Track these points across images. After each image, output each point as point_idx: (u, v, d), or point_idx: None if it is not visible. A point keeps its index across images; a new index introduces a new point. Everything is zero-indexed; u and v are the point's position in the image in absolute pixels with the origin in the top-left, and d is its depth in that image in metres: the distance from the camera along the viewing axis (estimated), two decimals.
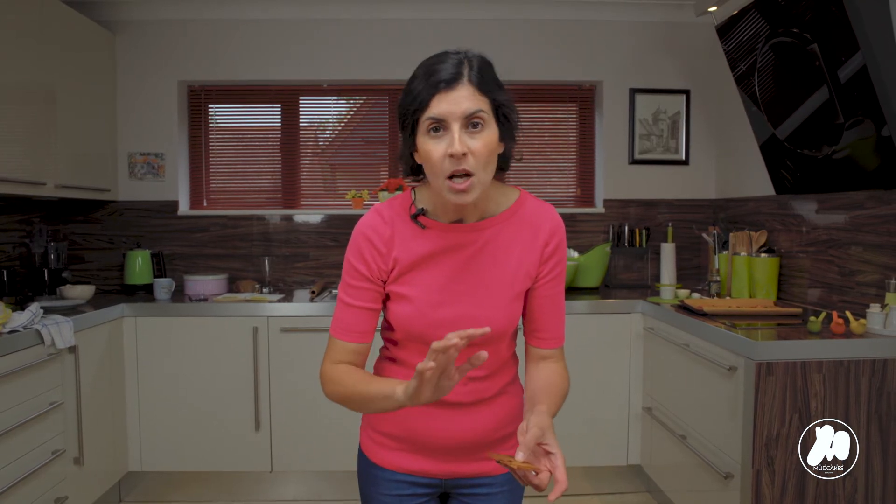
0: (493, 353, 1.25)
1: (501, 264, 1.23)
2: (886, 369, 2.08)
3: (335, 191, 3.73)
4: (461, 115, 1.09)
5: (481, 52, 1.17)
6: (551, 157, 3.78)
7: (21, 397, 2.26)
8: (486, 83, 1.12)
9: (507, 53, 3.58)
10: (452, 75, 1.09)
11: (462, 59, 1.12)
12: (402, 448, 1.30)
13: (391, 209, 1.25)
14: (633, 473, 3.16)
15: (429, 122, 1.10)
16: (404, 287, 1.22)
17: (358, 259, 1.22)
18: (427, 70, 1.12)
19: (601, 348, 3.07)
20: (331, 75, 3.58)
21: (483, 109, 1.10)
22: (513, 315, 1.25)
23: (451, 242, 1.22)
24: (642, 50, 3.63)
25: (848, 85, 2.27)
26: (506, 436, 1.32)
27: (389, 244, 1.22)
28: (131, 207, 3.56)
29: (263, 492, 3.09)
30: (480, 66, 1.13)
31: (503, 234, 1.23)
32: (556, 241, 1.25)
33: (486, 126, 1.11)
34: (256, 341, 2.98)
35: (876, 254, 2.42)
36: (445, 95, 1.09)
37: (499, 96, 1.13)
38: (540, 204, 1.28)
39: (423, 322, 1.21)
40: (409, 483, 1.31)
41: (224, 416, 3.00)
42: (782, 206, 3.01)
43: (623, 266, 3.66)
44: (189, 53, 3.54)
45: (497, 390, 1.30)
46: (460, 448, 1.29)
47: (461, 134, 1.09)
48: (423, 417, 1.26)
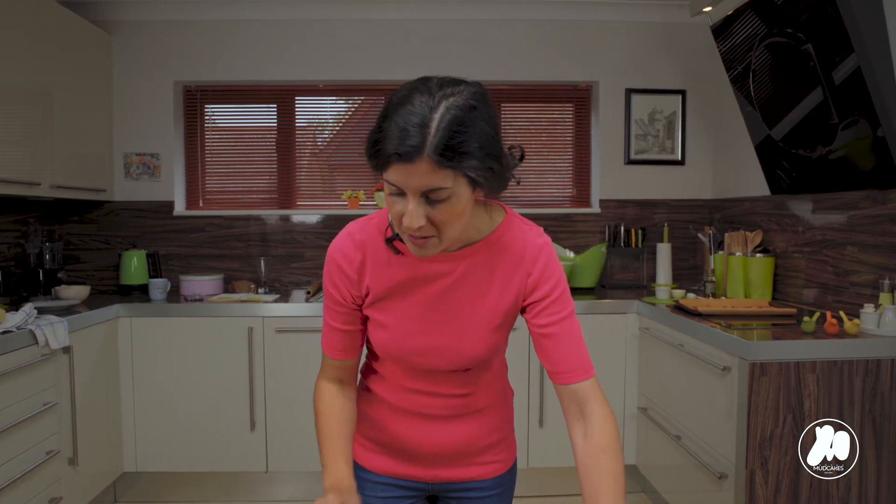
0: (478, 374, 1.24)
1: (480, 296, 1.15)
2: (880, 369, 2.08)
3: (332, 191, 3.74)
4: (417, 189, 0.95)
5: (471, 90, 0.97)
6: (547, 158, 3.78)
7: (15, 398, 2.26)
8: (452, 152, 0.93)
9: (504, 53, 3.59)
10: (408, 149, 0.92)
11: (427, 119, 0.92)
12: (387, 452, 1.29)
13: (365, 231, 1.16)
14: (628, 473, 3.16)
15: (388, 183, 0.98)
16: (379, 314, 1.17)
17: (331, 284, 1.18)
18: (394, 122, 0.94)
19: (596, 348, 3.03)
20: (327, 75, 3.58)
21: (443, 186, 0.95)
22: (494, 345, 1.18)
23: (426, 272, 1.14)
24: (638, 50, 3.63)
25: (843, 86, 2.27)
26: (492, 443, 1.30)
27: (361, 271, 1.15)
28: (127, 208, 3.56)
29: (259, 492, 3.09)
30: (451, 124, 0.92)
31: (483, 263, 1.14)
32: (539, 269, 1.14)
33: (451, 196, 0.97)
34: (252, 342, 2.97)
35: (871, 254, 2.42)
36: (402, 167, 0.94)
37: (467, 166, 0.94)
38: (523, 228, 1.17)
39: (401, 349, 1.17)
40: (395, 486, 1.30)
41: (219, 417, 2.99)
42: (778, 206, 3.01)
43: (619, 266, 3.66)
44: (185, 54, 3.53)
45: (484, 404, 1.27)
46: (445, 456, 1.27)
47: (417, 206, 0.97)
48: (406, 427, 1.25)
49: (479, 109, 0.96)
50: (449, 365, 1.18)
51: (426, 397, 1.22)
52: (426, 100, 0.94)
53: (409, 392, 1.23)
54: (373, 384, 1.28)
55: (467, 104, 0.95)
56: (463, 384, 1.22)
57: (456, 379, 1.21)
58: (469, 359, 1.18)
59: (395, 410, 1.24)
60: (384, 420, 1.26)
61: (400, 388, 1.23)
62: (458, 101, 0.94)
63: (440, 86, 0.96)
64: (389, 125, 0.95)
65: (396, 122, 0.94)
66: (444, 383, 1.21)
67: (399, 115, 0.94)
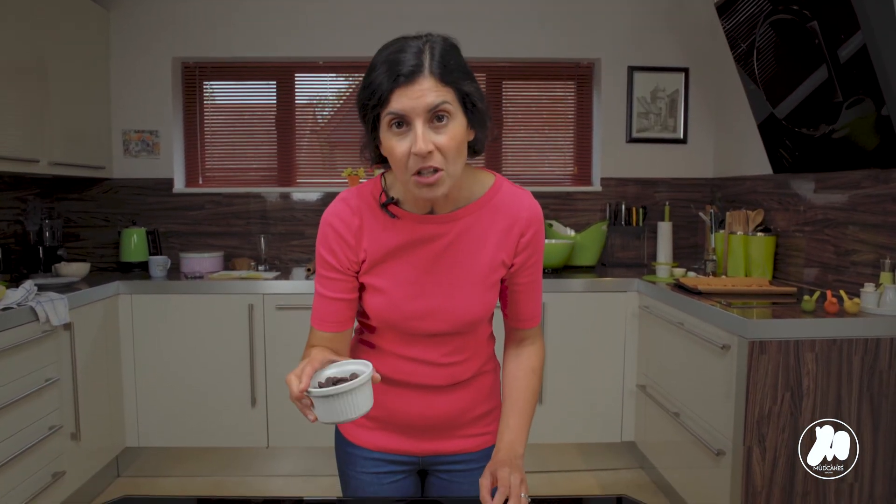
0: (470, 339, 1.26)
1: (475, 255, 1.19)
2: (879, 348, 2.08)
3: (332, 169, 3.72)
4: (424, 109, 1.00)
5: (445, 35, 1.08)
6: (548, 136, 3.76)
7: (17, 373, 2.27)
8: (450, 72, 1.02)
9: (506, 30, 3.55)
10: (412, 67, 1.00)
11: (422, 46, 1.02)
12: (377, 427, 1.30)
13: (359, 197, 1.19)
14: (626, 450, 3.19)
15: (390, 117, 1.02)
16: (377, 279, 1.19)
17: (327, 251, 1.18)
18: (385, 61, 1.02)
19: (596, 326, 3.08)
20: (327, 52, 3.54)
21: (447, 101, 1.01)
22: (488, 304, 1.22)
23: (422, 234, 1.17)
24: (641, 27, 3.59)
25: (848, 64, 2.25)
26: (481, 415, 1.32)
27: (358, 235, 1.17)
28: (126, 185, 3.55)
29: (259, 467, 3.12)
30: (443, 53, 1.03)
31: (477, 224, 1.18)
32: (532, 231, 1.20)
33: (452, 118, 1.03)
34: (252, 319, 2.98)
35: (872, 233, 2.42)
36: (406, 90, 1.00)
37: (464, 85, 1.04)
38: (515, 191, 1.22)
39: (398, 314, 1.19)
40: (385, 461, 1.32)
41: (220, 393, 3.01)
42: (780, 185, 3.00)
43: (619, 245, 3.66)
44: (183, 29, 3.50)
45: (474, 372, 1.29)
46: (436, 427, 1.29)
47: (425, 130, 1.01)
48: (400, 399, 1.26)
49: (459, 49, 1.08)
50: (445, 327, 1.20)
51: (420, 366, 1.24)
52: (416, 40, 1.04)
53: (403, 361, 1.24)
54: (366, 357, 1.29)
55: (450, 42, 1.07)
56: (455, 351, 1.25)
57: (449, 345, 1.23)
58: (465, 319, 1.20)
59: (389, 382, 1.26)
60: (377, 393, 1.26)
61: (394, 357, 1.25)
62: (441, 39, 1.06)
63: (417, 35, 1.06)
64: (380, 68, 1.02)
65: (388, 62, 1.02)
66: (437, 348, 1.23)
67: (389, 60, 1.02)
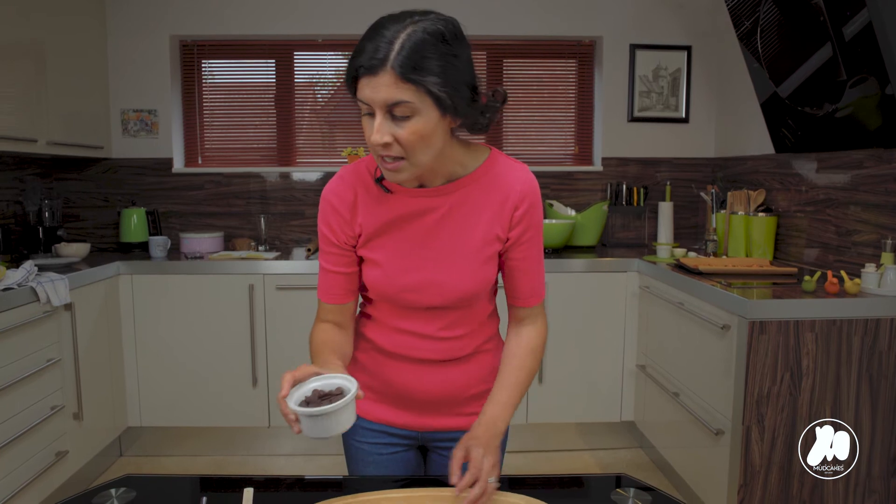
0: (469, 314, 1.26)
1: (469, 228, 1.19)
2: (879, 329, 2.09)
3: (331, 148, 3.70)
4: (381, 103, 1.01)
5: (437, 18, 1.04)
6: (549, 115, 3.73)
7: (18, 354, 2.28)
8: (416, 69, 0.98)
9: (505, 8, 3.51)
10: (373, 61, 0.99)
11: (396, 35, 0.99)
12: (378, 399, 1.32)
13: (355, 173, 1.22)
14: (626, 429, 3.21)
15: (360, 101, 1.04)
16: (373, 252, 1.21)
17: (325, 226, 1.22)
18: (358, 47, 1.03)
19: (597, 306, 3.08)
20: (326, 30, 3.50)
21: (405, 100, 1.00)
22: (484, 278, 1.22)
23: (416, 207, 1.19)
24: (644, 5, 3.55)
25: (852, 42, 2.23)
26: (481, 392, 1.32)
27: (353, 210, 1.20)
28: (125, 165, 3.53)
29: (261, 447, 3.14)
30: (416, 46, 0.99)
31: (471, 197, 1.19)
32: (527, 204, 1.20)
33: (415, 114, 1.01)
34: (252, 299, 2.98)
35: (873, 213, 2.41)
36: (368, 80, 1.00)
37: (430, 83, 1.00)
38: (511, 164, 1.22)
39: (393, 287, 1.21)
40: (386, 433, 1.33)
41: (221, 373, 3.03)
42: (781, 164, 2.99)
43: (620, 225, 3.65)
44: (181, 7, 3.46)
45: (473, 349, 1.30)
46: (434, 402, 1.30)
47: (384, 122, 1.02)
48: (397, 372, 1.28)
49: (446, 36, 1.02)
50: (440, 301, 1.21)
51: (417, 339, 1.25)
52: (397, 24, 1.01)
53: (400, 334, 1.25)
54: (366, 329, 1.31)
55: (435, 28, 1.01)
56: (453, 325, 1.25)
57: (445, 319, 1.24)
58: (459, 293, 1.21)
59: (387, 355, 1.27)
60: (376, 365, 1.30)
61: (392, 329, 1.26)
62: (425, 25, 1.01)
63: (412, 14, 1.03)
64: (363, 45, 1.02)
65: (367, 42, 1.01)
66: (433, 322, 1.24)
67: (371, 38, 1.01)
